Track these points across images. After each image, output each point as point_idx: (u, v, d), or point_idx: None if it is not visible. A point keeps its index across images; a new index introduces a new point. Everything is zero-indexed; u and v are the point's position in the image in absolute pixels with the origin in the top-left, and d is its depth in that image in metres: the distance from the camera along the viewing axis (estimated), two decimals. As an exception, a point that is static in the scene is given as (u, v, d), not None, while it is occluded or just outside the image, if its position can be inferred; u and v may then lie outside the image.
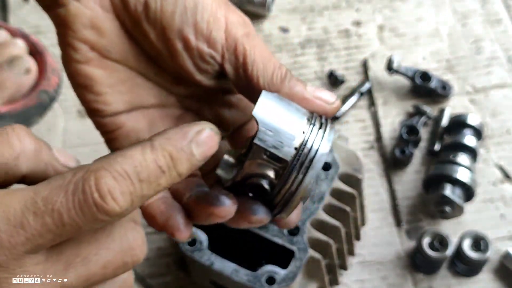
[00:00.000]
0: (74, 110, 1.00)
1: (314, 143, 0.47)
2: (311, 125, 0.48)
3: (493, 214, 0.89)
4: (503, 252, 0.85)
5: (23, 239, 0.39)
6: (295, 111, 0.48)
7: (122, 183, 0.40)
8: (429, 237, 0.82)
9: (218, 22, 0.48)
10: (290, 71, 0.50)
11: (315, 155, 0.46)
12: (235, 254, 0.71)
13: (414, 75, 0.98)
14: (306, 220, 0.71)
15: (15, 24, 1.06)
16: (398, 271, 0.85)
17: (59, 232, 0.40)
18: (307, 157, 0.46)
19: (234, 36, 0.48)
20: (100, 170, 0.40)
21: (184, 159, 0.42)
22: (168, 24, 0.48)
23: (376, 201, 0.91)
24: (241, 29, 0.49)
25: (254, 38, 0.49)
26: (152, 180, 0.41)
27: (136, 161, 0.41)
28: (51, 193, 0.40)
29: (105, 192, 0.40)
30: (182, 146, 0.42)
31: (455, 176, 0.85)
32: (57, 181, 0.40)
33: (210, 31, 0.48)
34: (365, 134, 0.97)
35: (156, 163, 0.41)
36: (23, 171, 0.45)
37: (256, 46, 0.49)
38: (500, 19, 1.07)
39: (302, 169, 0.46)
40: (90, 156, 1.04)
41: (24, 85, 0.96)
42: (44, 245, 0.40)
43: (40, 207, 0.39)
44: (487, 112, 0.98)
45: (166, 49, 0.49)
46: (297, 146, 0.46)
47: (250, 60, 0.48)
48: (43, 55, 0.99)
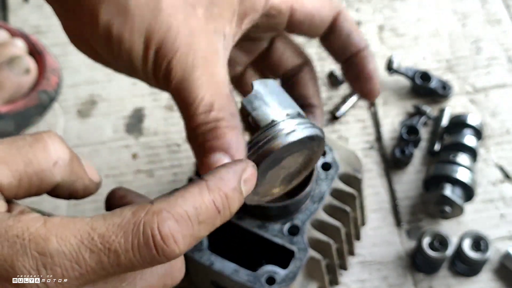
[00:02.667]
0: (74, 110, 1.00)
1: (290, 127, 0.50)
2: (297, 117, 0.51)
3: (493, 214, 0.89)
4: (503, 252, 0.85)
5: (77, 274, 0.39)
6: (290, 102, 0.53)
7: (184, 225, 0.40)
8: (429, 237, 0.82)
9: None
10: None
11: (285, 135, 0.49)
12: (235, 254, 0.71)
13: (414, 75, 0.98)
14: (306, 220, 0.71)
15: (15, 24, 1.06)
16: (398, 271, 0.85)
17: (113, 271, 0.40)
18: (277, 134, 0.49)
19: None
20: (162, 212, 0.40)
21: (236, 198, 0.43)
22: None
23: (376, 201, 0.91)
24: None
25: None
26: (209, 222, 0.41)
27: (197, 202, 0.41)
28: (109, 231, 0.39)
29: (168, 236, 0.39)
30: (235, 186, 0.43)
31: (455, 176, 0.85)
32: (114, 218, 0.40)
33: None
34: (365, 134, 0.97)
35: (214, 204, 0.41)
36: (57, 179, 0.45)
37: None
38: (500, 19, 1.07)
39: (266, 140, 0.49)
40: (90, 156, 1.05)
41: (24, 85, 0.96)
42: (96, 281, 0.40)
43: (97, 244, 0.39)
44: (487, 112, 0.98)
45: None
46: (274, 119, 0.50)
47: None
48: (43, 55, 0.99)
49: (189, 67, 0.46)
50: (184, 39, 0.46)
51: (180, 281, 0.87)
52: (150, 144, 0.96)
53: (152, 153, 0.96)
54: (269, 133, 0.49)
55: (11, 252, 0.38)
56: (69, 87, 1.02)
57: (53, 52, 1.01)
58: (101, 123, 0.99)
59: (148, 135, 0.97)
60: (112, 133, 0.98)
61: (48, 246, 0.39)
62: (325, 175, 0.75)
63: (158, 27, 0.46)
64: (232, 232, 0.73)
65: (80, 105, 1.01)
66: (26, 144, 0.43)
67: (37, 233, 0.39)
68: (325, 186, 0.74)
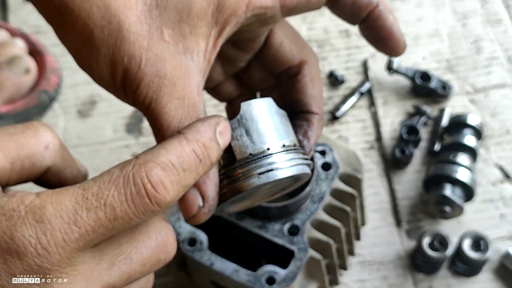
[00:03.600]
0: (74, 110, 1.00)
1: (270, 164, 0.47)
2: (280, 151, 0.48)
3: (493, 214, 0.89)
4: (503, 252, 0.85)
5: (77, 236, 0.40)
6: (278, 130, 0.49)
7: (170, 172, 0.42)
8: (429, 237, 0.82)
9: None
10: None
11: (258, 175, 0.47)
12: (235, 254, 0.71)
13: (414, 75, 0.98)
14: (306, 220, 0.71)
15: (15, 24, 1.06)
16: (398, 271, 0.85)
17: (111, 226, 0.41)
18: (251, 172, 0.47)
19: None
20: (148, 163, 0.42)
21: (214, 148, 0.45)
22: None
23: (376, 201, 0.91)
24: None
25: None
26: (192, 169, 0.43)
27: (178, 151, 0.43)
28: (101, 188, 0.41)
29: (157, 183, 0.41)
30: (211, 137, 0.44)
31: (455, 176, 0.85)
32: (104, 177, 0.41)
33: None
34: (365, 134, 0.97)
35: (194, 153, 0.43)
36: (49, 163, 0.46)
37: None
38: (500, 19, 1.07)
39: (238, 177, 0.47)
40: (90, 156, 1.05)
41: (24, 85, 0.96)
42: (95, 241, 0.41)
43: (92, 202, 0.40)
44: (487, 112, 0.98)
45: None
46: (252, 153, 0.48)
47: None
48: (43, 55, 0.99)
49: (154, 96, 0.47)
50: (148, 67, 0.46)
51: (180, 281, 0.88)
52: (150, 144, 0.96)
53: (152, 153, 0.96)
54: (243, 169, 0.47)
55: (9, 224, 0.39)
56: (69, 87, 1.02)
57: (53, 52, 1.01)
58: (101, 123, 0.99)
59: (148, 135, 0.97)
60: (112, 133, 0.98)
61: (45, 214, 0.40)
62: (325, 175, 0.75)
63: (121, 57, 0.46)
64: (232, 232, 0.73)
65: (80, 105, 1.00)
66: (18, 131, 0.45)
67: (32, 204, 0.40)
68: (325, 186, 0.74)
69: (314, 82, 0.58)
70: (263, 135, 0.48)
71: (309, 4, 0.52)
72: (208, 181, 0.46)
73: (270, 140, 0.48)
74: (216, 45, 0.49)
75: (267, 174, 0.47)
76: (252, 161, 0.47)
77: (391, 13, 0.53)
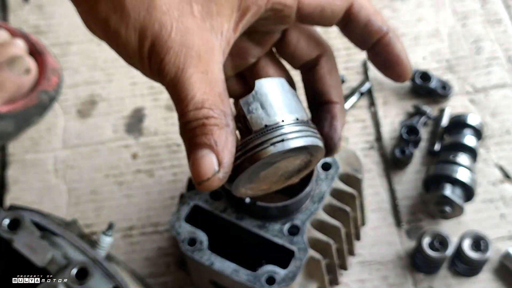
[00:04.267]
0: (74, 110, 1.00)
1: (282, 135, 0.49)
2: (294, 123, 0.50)
3: (493, 214, 0.89)
4: (503, 252, 0.85)
5: None
6: (292, 105, 0.52)
7: None
8: (429, 237, 0.82)
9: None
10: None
11: (274, 144, 0.49)
12: (235, 254, 0.71)
13: (414, 75, 0.98)
14: (306, 220, 0.71)
15: (15, 24, 1.06)
16: (398, 271, 0.85)
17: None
18: (267, 141, 0.49)
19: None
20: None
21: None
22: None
23: (376, 201, 0.91)
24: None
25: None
26: None
27: None
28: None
29: None
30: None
31: (455, 176, 0.85)
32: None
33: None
34: (365, 134, 0.97)
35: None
36: None
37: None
38: (500, 19, 1.07)
39: (254, 146, 0.49)
40: (90, 156, 1.05)
41: (24, 85, 0.96)
42: None
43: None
44: (487, 112, 0.98)
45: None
46: (268, 125, 0.50)
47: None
48: (43, 55, 0.99)
49: (181, 65, 0.48)
50: (178, 37, 0.48)
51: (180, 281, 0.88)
52: (150, 144, 0.96)
53: (152, 153, 0.96)
54: (259, 139, 0.49)
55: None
56: (69, 87, 1.02)
57: (53, 52, 1.01)
58: (101, 123, 0.99)
59: (148, 135, 0.97)
60: (112, 133, 0.98)
61: None
62: (325, 175, 0.75)
63: (152, 25, 0.47)
64: (232, 232, 0.73)
65: (80, 105, 1.01)
66: None
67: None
68: (325, 186, 0.74)
69: (332, 73, 0.59)
70: (277, 109, 0.51)
71: (323, 17, 0.54)
72: (225, 148, 0.47)
73: (284, 113, 0.51)
74: (236, 30, 0.50)
75: (282, 143, 0.49)
76: (268, 132, 0.49)
77: (399, 40, 0.55)
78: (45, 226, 0.72)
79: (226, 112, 0.48)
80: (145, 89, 1.00)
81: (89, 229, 0.89)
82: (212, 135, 0.47)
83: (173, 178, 0.94)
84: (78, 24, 1.09)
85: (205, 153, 0.47)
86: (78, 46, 1.04)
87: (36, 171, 0.95)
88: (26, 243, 0.67)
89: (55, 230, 0.71)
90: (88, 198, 0.93)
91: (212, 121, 0.47)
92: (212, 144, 0.47)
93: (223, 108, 0.48)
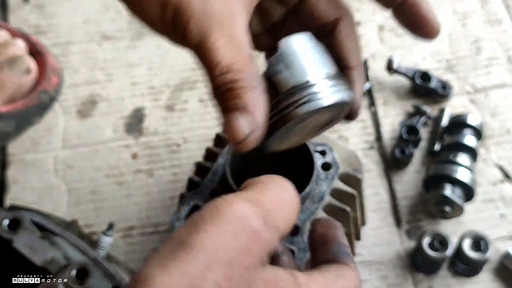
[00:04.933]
0: (74, 110, 1.00)
1: (314, 93, 0.50)
2: (322, 80, 0.50)
3: (493, 214, 0.89)
4: (503, 252, 0.85)
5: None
6: (319, 60, 0.52)
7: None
8: (429, 237, 0.82)
9: None
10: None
11: (306, 102, 0.49)
12: (235, 254, 0.71)
13: (414, 75, 0.98)
14: (306, 220, 0.71)
15: (15, 24, 1.06)
16: (398, 271, 0.85)
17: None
18: (296, 101, 0.49)
19: None
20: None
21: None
22: None
23: (376, 201, 0.91)
24: None
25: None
26: None
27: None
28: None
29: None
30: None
31: (455, 176, 0.85)
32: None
33: None
34: (365, 134, 0.97)
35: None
36: None
37: None
38: (500, 19, 1.07)
39: (284, 107, 0.50)
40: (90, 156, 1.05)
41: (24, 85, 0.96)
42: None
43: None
44: (487, 112, 0.98)
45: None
46: (295, 86, 0.50)
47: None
48: (43, 55, 0.99)
49: (204, 32, 0.48)
50: (199, 4, 0.49)
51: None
52: (150, 144, 0.96)
53: (152, 153, 0.96)
54: (291, 99, 0.50)
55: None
56: (69, 87, 1.02)
57: (53, 52, 1.01)
58: (101, 123, 0.99)
59: (148, 135, 0.97)
60: (112, 133, 0.98)
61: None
62: (325, 175, 0.75)
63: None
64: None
65: (80, 105, 1.01)
66: None
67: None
68: (325, 186, 0.74)
69: (350, 38, 0.59)
70: (304, 68, 0.51)
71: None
72: (256, 108, 0.48)
73: (312, 71, 0.51)
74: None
75: (313, 103, 0.50)
76: (296, 92, 0.50)
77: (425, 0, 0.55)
78: (45, 226, 0.72)
79: (253, 74, 0.49)
80: (145, 89, 1.00)
81: (89, 229, 0.89)
82: (241, 98, 0.48)
83: (173, 178, 0.94)
84: (78, 24, 1.09)
85: (235, 116, 0.48)
86: (78, 46, 1.04)
87: (36, 171, 0.95)
88: (26, 243, 0.67)
89: (55, 230, 0.71)
90: (88, 198, 0.93)
91: (239, 84, 0.48)
92: (241, 107, 0.48)
93: (250, 70, 0.49)
